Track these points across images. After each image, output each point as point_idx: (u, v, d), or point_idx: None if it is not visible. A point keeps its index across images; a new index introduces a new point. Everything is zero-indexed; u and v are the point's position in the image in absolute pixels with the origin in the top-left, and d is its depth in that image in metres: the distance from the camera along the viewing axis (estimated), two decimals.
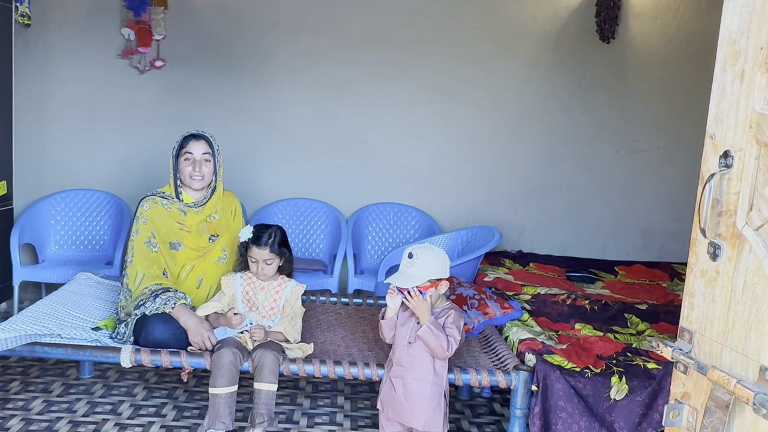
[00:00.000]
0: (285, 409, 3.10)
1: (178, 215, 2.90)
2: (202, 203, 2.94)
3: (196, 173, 2.87)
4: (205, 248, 2.95)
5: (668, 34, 4.48)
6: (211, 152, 2.91)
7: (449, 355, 2.34)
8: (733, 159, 1.22)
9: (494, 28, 4.42)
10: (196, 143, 2.88)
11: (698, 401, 1.27)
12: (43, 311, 2.82)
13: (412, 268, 2.31)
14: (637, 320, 3.20)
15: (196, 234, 2.92)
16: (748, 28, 1.21)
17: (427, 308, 2.30)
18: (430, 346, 2.29)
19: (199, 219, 2.93)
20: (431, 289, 2.33)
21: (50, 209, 4.21)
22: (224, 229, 3.01)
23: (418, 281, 2.30)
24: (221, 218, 3.00)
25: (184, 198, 2.93)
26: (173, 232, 2.88)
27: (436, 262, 2.33)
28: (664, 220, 4.63)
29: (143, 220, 2.85)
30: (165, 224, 2.87)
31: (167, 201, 2.91)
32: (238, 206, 3.13)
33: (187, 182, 2.90)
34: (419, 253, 2.33)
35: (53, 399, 3.09)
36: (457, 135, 4.51)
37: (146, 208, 2.87)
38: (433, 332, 2.27)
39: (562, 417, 2.50)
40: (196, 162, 2.87)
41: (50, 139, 4.36)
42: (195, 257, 2.92)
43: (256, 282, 2.80)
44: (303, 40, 4.38)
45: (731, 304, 1.20)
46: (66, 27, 4.28)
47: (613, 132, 4.56)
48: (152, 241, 2.83)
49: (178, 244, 2.88)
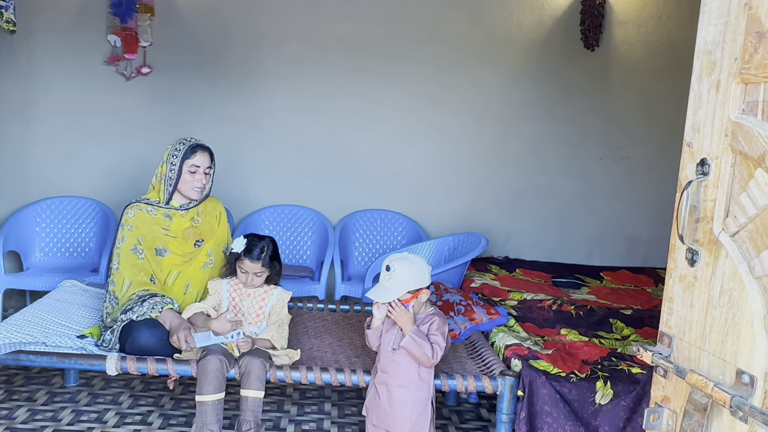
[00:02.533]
0: (272, 416, 3.10)
1: (163, 221, 2.90)
2: (188, 207, 2.95)
3: (199, 184, 2.89)
4: (190, 254, 2.95)
5: (652, 42, 4.54)
6: (212, 164, 2.95)
7: (435, 363, 2.34)
8: (709, 167, 1.25)
9: (480, 35, 4.45)
10: (203, 156, 2.90)
11: (678, 404, 1.29)
12: (27, 319, 2.80)
13: (390, 281, 2.31)
14: (622, 325, 3.23)
15: (182, 239, 2.92)
16: (723, 39, 1.24)
17: (410, 318, 2.30)
18: (415, 355, 2.30)
19: (185, 223, 2.93)
20: (413, 301, 2.33)
21: (35, 216, 4.19)
22: (209, 234, 3.01)
23: (397, 294, 2.30)
24: (205, 222, 3.01)
25: (173, 202, 2.93)
26: (158, 239, 2.87)
27: (413, 273, 2.32)
28: (648, 225, 4.67)
29: (128, 227, 2.85)
30: (150, 231, 2.87)
31: (152, 207, 2.91)
32: (223, 211, 3.13)
33: (186, 192, 2.90)
34: (396, 265, 2.31)
35: (38, 408, 3.06)
36: (443, 142, 4.54)
37: (131, 215, 2.87)
38: (416, 342, 2.27)
39: (547, 422, 2.52)
40: (201, 174, 2.89)
41: (35, 145, 4.34)
42: (181, 263, 2.92)
43: (242, 289, 2.80)
44: (290, 47, 4.39)
45: (709, 309, 1.23)
46: (52, 33, 4.26)
47: (598, 139, 4.61)
48: (138, 248, 2.83)
49: (164, 250, 2.88)
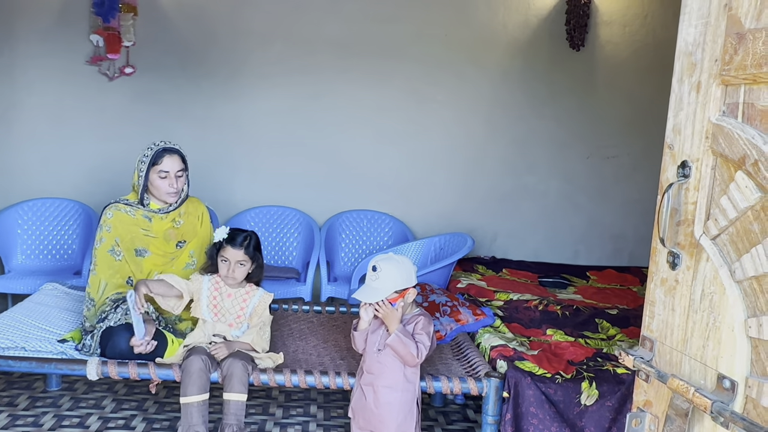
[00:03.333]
0: (257, 419, 3.07)
1: (142, 222, 2.85)
2: (168, 210, 2.89)
3: (171, 189, 2.82)
4: (172, 254, 2.91)
5: (637, 42, 4.54)
6: (184, 167, 2.87)
7: (419, 362, 2.34)
8: (690, 169, 1.24)
9: (466, 35, 4.44)
10: (170, 160, 2.80)
11: (659, 409, 1.28)
12: (7, 323, 2.77)
13: (377, 282, 2.31)
14: (608, 325, 3.23)
15: (163, 240, 2.88)
16: (703, 40, 1.23)
17: (397, 317, 2.30)
18: (400, 353, 2.29)
19: (166, 224, 2.89)
20: (399, 300, 2.33)
21: (17, 218, 4.14)
22: (191, 234, 2.96)
23: (384, 294, 2.29)
24: (187, 223, 2.96)
25: (150, 205, 2.88)
26: (138, 239, 2.83)
27: (400, 273, 2.32)
28: (634, 225, 4.68)
29: (106, 228, 2.80)
30: (129, 231, 2.82)
31: (131, 208, 2.85)
32: (205, 212, 3.07)
33: (161, 197, 2.84)
34: (382, 265, 2.32)
35: (18, 413, 3.02)
36: (429, 142, 4.52)
37: (109, 216, 2.82)
38: (401, 340, 2.27)
39: (533, 423, 2.51)
40: (171, 179, 2.81)
41: (16, 146, 4.28)
42: (162, 263, 2.87)
43: (223, 288, 2.73)
44: (275, 47, 4.36)
45: (690, 313, 1.22)
46: (33, 33, 4.21)
47: (584, 138, 4.61)
48: (116, 249, 2.79)
49: (144, 251, 2.84)
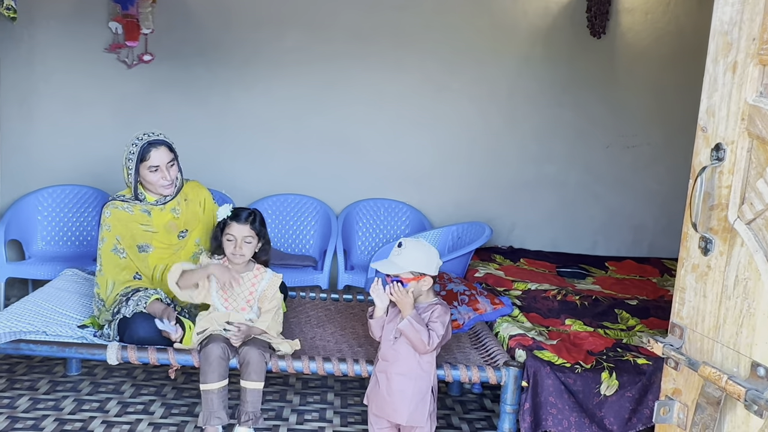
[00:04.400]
0: (274, 405, 3.08)
1: (141, 217, 2.80)
2: (165, 201, 2.84)
3: (165, 181, 2.76)
4: (176, 245, 2.87)
5: (659, 30, 4.48)
6: (174, 156, 2.80)
7: (430, 350, 2.31)
8: (724, 152, 1.21)
9: (485, 23, 4.40)
10: (157, 153, 2.73)
11: (689, 398, 1.26)
12: (28, 308, 2.79)
13: (399, 257, 2.31)
14: (627, 316, 3.20)
15: (165, 232, 2.83)
16: (740, 18, 1.20)
17: (409, 302, 2.29)
18: (411, 340, 2.28)
19: (165, 216, 2.83)
20: (413, 282, 2.31)
21: (37, 205, 4.17)
22: (194, 222, 2.90)
23: (400, 270, 2.30)
24: (187, 211, 2.89)
25: (147, 198, 2.82)
26: (139, 235, 2.79)
27: (422, 256, 2.32)
28: (654, 215, 4.63)
29: (106, 228, 2.77)
30: (128, 229, 2.78)
31: (128, 204, 2.80)
32: (208, 196, 3.00)
33: (156, 191, 2.79)
34: (408, 243, 2.33)
35: (39, 396, 3.05)
36: (448, 131, 4.49)
37: (107, 215, 2.77)
38: (413, 326, 2.26)
39: (552, 413, 2.49)
40: (163, 171, 2.75)
41: (36, 134, 4.31)
42: (167, 256, 2.84)
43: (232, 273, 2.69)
44: (292, 35, 4.34)
45: (723, 299, 1.19)
46: (53, 21, 4.22)
47: (604, 127, 4.56)
48: (118, 248, 2.77)
49: (147, 246, 2.81)
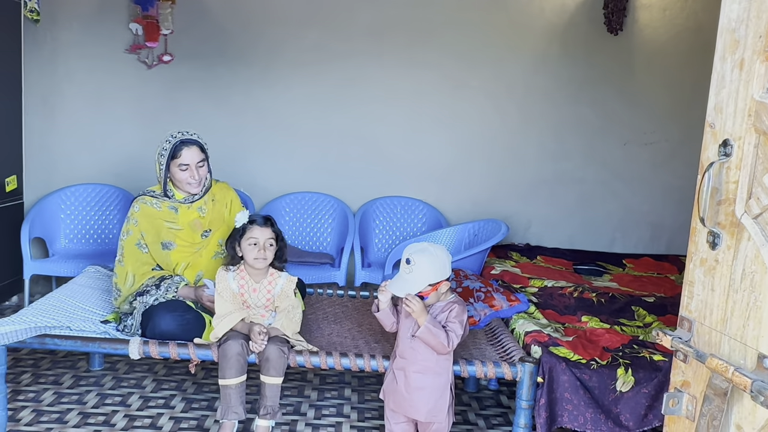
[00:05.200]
0: (292, 400, 3.12)
1: (168, 214, 2.85)
2: (193, 199, 2.89)
3: (193, 180, 2.82)
4: (198, 244, 2.91)
5: (677, 26, 4.45)
6: (204, 156, 2.85)
7: (450, 351, 2.33)
8: (732, 148, 1.22)
9: (502, 20, 4.41)
10: (189, 151, 2.80)
11: (697, 389, 1.28)
12: (52, 304, 2.85)
13: (411, 275, 2.28)
14: (644, 313, 3.19)
15: (189, 231, 2.88)
16: (747, 16, 1.21)
17: (422, 309, 2.27)
18: (431, 344, 2.29)
19: (191, 214, 2.88)
20: (432, 293, 2.31)
21: (60, 203, 4.25)
22: (218, 222, 2.94)
23: (417, 288, 2.27)
24: (213, 211, 2.93)
25: (175, 195, 2.87)
26: (164, 232, 2.84)
27: (434, 266, 2.28)
28: (672, 212, 4.60)
29: (133, 222, 2.83)
30: (154, 225, 2.83)
31: (157, 200, 2.86)
32: (235, 198, 3.04)
33: (185, 188, 2.85)
34: (417, 258, 2.27)
35: (63, 391, 3.12)
36: (464, 128, 4.51)
37: (136, 210, 2.84)
38: (431, 332, 2.26)
39: (567, 409, 2.50)
40: (192, 170, 2.81)
41: (59, 133, 4.40)
42: (189, 254, 2.89)
43: (248, 284, 2.72)
44: (310, 34, 4.39)
45: (730, 293, 1.21)
46: (74, 22, 4.31)
47: (622, 124, 4.55)
48: (142, 243, 2.83)
49: (170, 244, 2.86)
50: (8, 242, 3.96)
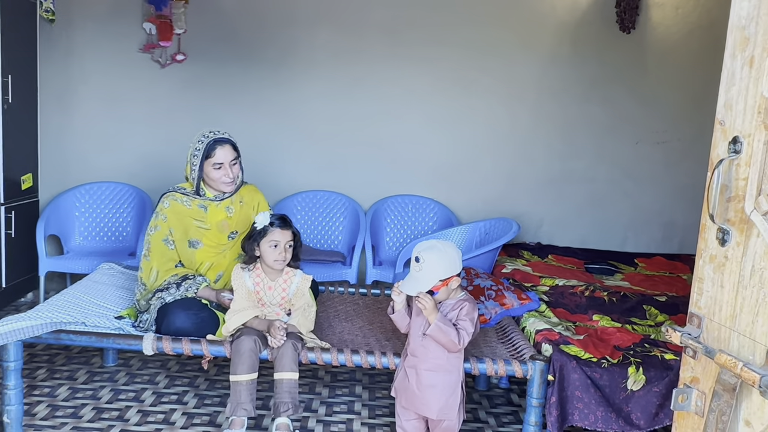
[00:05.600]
0: (304, 397, 3.14)
1: (197, 212, 2.89)
2: (223, 197, 2.92)
3: (228, 179, 2.85)
4: (224, 245, 2.93)
5: (690, 24, 4.44)
6: (237, 155, 2.89)
7: (461, 348, 2.34)
8: (741, 145, 1.22)
9: (513, 19, 4.41)
10: (222, 150, 2.83)
11: (706, 385, 1.28)
12: (67, 300, 2.88)
13: (420, 273, 2.30)
14: (656, 312, 3.19)
15: (216, 231, 2.91)
16: (757, 13, 1.21)
17: (433, 307, 2.29)
18: (441, 342, 2.30)
19: (220, 214, 2.91)
20: (442, 288, 2.32)
21: (74, 201, 4.30)
22: (245, 225, 2.94)
23: (428, 285, 2.29)
24: (241, 213, 2.96)
25: (206, 194, 2.90)
26: (192, 230, 2.87)
27: (442, 263, 2.30)
28: (685, 211, 4.58)
29: (162, 218, 2.86)
30: (183, 222, 2.86)
31: (187, 198, 2.89)
32: (262, 201, 3.07)
33: (218, 187, 2.87)
34: (425, 256, 2.29)
35: (78, 386, 3.16)
36: (475, 127, 4.51)
37: (166, 206, 2.87)
38: (442, 329, 2.27)
39: (578, 407, 2.50)
40: (226, 169, 2.84)
41: (74, 132, 4.45)
42: (214, 254, 2.92)
43: (264, 282, 2.74)
44: (322, 33, 4.41)
45: (739, 289, 1.21)
46: (89, 22, 4.35)
47: (633, 123, 4.53)
48: (169, 239, 2.86)
49: (197, 242, 2.89)
50: (24, 239, 4.01)
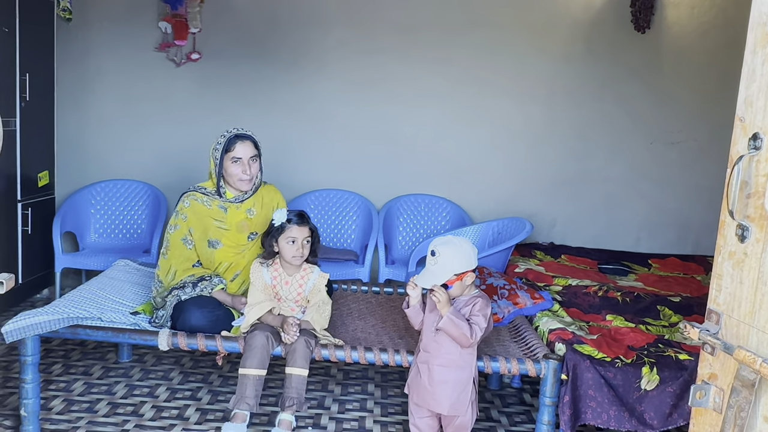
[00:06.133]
0: (316, 395, 3.15)
1: (217, 213, 2.89)
2: (243, 198, 2.92)
3: (245, 175, 2.84)
4: (243, 246, 2.94)
5: (705, 24, 4.41)
6: (257, 152, 2.89)
7: (474, 343, 2.34)
8: (762, 141, 1.22)
9: (527, 18, 4.40)
10: (242, 146, 2.83)
11: (725, 382, 1.28)
12: (83, 296, 2.90)
13: (436, 266, 2.32)
14: (670, 312, 3.17)
15: (236, 232, 2.91)
16: None
17: (447, 300, 2.30)
18: (453, 335, 2.30)
19: (240, 215, 2.91)
20: (457, 283, 2.33)
21: (90, 199, 4.34)
22: (264, 226, 2.93)
23: (443, 278, 2.30)
24: (261, 215, 2.96)
25: (226, 194, 2.90)
26: (211, 230, 2.88)
27: (458, 257, 2.31)
28: (699, 212, 4.56)
29: (182, 217, 2.87)
30: (202, 222, 2.87)
31: (208, 198, 2.89)
32: (281, 201, 3.06)
33: (235, 184, 2.86)
34: (441, 250, 2.31)
35: (93, 381, 3.19)
36: (489, 126, 4.51)
37: (186, 205, 2.87)
38: (454, 322, 2.27)
39: (591, 406, 2.50)
40: (244, 165, 2.84)
41: (90, 130, 4.49)
42: (233, 254, 2.92)
43: (281, 276, 2.76)
44: (337, 32, 4.42)
45: (759, 285, 1.20)
46: (105, 21, 4.39)
47: (648, 123, 4.51)
48: (188, 239, 2.87)
49: (217, 243, 2.89)
50: (40, 236, 4.05)
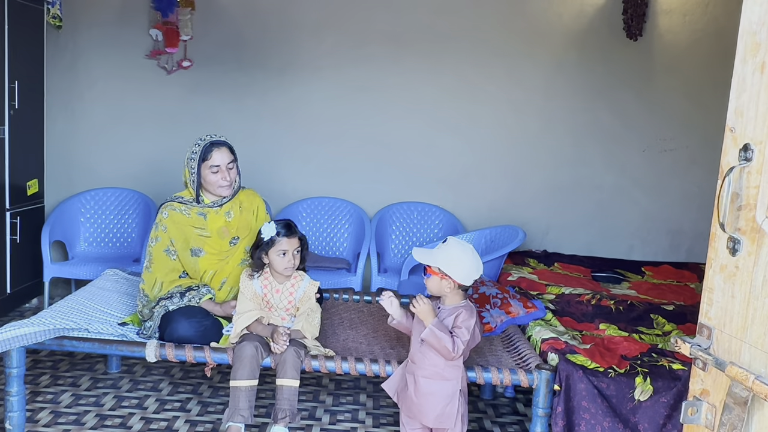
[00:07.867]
0: (308, 405, 3.12)
1: (197, 220, 2.87)
2: (222, 203, 2.90)
3: (225, 182, 2.83)
4: (227, 252, 2.92)
5: (697, 32, 4.41)
6: (234, 158, 2.88)
7: (456, 357, 2.29)
8: (753, 152, 1.20)
9: (519, 26, 4.40)
10: (219, 153, 2.82)
11: (717, 398, 1.25)
12: (71, 306, 2.87)
13: (438, 250, 2.33)
14: (664, 321, 3.16)
15: (217, 238, 2.89)
16: None
17: (428, 310, 2.28)
18: (435, 347, 2.27)
19: (219, 221, 2.89)
20: (434, 277, 2.31)
21: (80, 207, 4.30)
22: (245, 230, 2.94)
23: (431, 263, 2.31)
24: (241, 218, 2.94)
25: (204, 200, 2.89)
26: (193, 239, 2.86)
27: (454, 259, 2.29)
28: (692, 220, 4.55)
29: (162, 228, 2.85)
30: (183, 232, 2.85)
31: (186, 206, 2.87)
32: (261, 205, 3.05)
33: (215, 191, 2.85)
34: (452, 242, 2.33)
35: (81, 393, 3.15)
36: (481, 134, 4.50)
37: (165, 216, 2.85)
38: (436, 334, 2.24)
39: (585, 417, 2.47)
40: (223, 172, 2.82)
41: (80, 138, 4.45)
42: (217, 261, 2.90)
43: (271, 285, 2.73)
44: (327, 39, 4.40)
45: (750, 300, 1.19)
46: (96, 28, 4.37)
47: (640, 131, 4.51)
48: (171, 249, 2.84)
49: (199, 251, 2.87)
50: (29, 245, 4.01)
